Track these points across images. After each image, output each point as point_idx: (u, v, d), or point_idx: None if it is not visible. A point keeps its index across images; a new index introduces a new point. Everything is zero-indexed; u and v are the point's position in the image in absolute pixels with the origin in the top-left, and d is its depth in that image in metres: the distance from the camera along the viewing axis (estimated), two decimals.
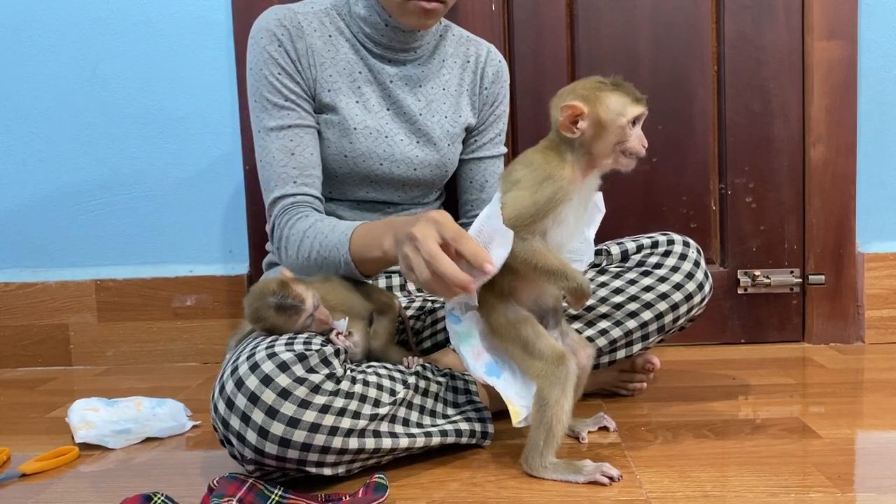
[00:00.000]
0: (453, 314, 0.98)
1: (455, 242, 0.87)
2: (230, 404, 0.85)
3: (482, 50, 1.32)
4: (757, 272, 1.61)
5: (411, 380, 0.98)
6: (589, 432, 1.07)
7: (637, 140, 0.91)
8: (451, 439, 0.99)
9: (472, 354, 0.97)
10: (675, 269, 1.12)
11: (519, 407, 0.95)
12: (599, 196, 0.97)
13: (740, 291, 1.62)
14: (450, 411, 1.02)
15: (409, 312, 1.23)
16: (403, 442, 0.93)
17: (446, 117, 1.27)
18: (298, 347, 0.89)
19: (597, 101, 0.89)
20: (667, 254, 1.13)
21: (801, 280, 1.62)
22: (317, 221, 1.11)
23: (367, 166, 1.20)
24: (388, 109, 1.23)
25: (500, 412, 1.10)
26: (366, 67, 1.22)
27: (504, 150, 1.36)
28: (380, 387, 0.93)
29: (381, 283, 1.29)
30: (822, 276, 1.61)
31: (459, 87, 1.29)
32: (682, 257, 1.13)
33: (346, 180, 1.22)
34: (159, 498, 0.87)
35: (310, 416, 0.85)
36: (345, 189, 1.23)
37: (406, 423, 0.96)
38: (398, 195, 1.26)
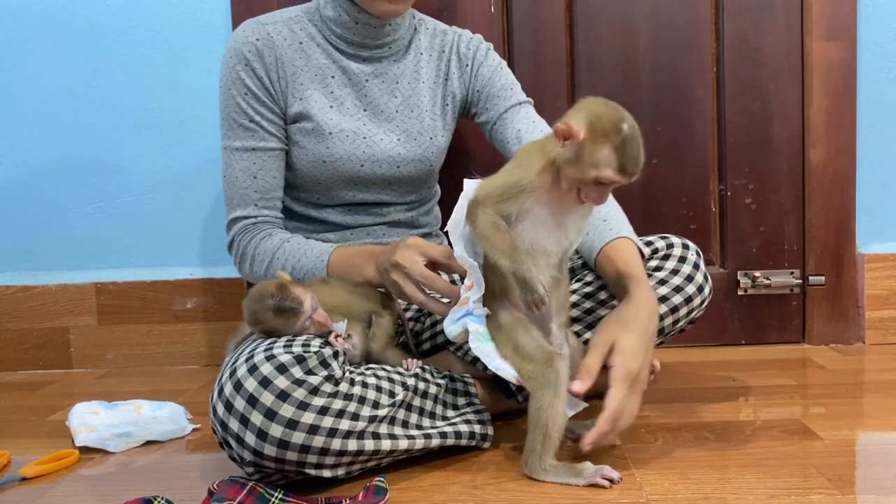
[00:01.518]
0: (474, 314, 0.95)
1: (448, 261, 1.00)
2: (229, 406, 0.85)
3: (454, 37, 1.32)
4: (757, 273, 1.61)
5: (410, 382, 0.98)
6: None
7: (594, 194, 0.89)
8: (450, 441, 0.99)
9: (500, 355, 0.95)
10: (674, 272, 1.11)
11: None
12: None
13: (740, 293, 1.62)
14: (449, 413, 1.02)
15: (409, 314, 1.23)
16: (403, 444, 0.93)
17: (426, 111, 1.27)
18: (297, 349, 0.89)
19: (594, 140, 0.86)
20: (666, 257, 1.13)
21: (801, 281, 1.62)
22: (284, 242, 1.16)
23: (348, 169, 1.21)
24: (364, 110, 1.23)
25: (500, 414, 1.11)
26: (339, 70, 1.22)
27: (525, 97, 1.31)
28: (379, 388, 0.93)
29: None
30: (823, 277, 1.61)
31: (437, 77, 1.29)
32: (682, 260, 1.13)
33: (330, 185, 1.22)
34: (159, 501, 0.87)
35: (308, 417, 0.85)
36: (332, 194, 1.23)
37: (405, 424, 0.96)
38: (387, 194, 1.26)
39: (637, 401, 0.94)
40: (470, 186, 0.94)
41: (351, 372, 0.93)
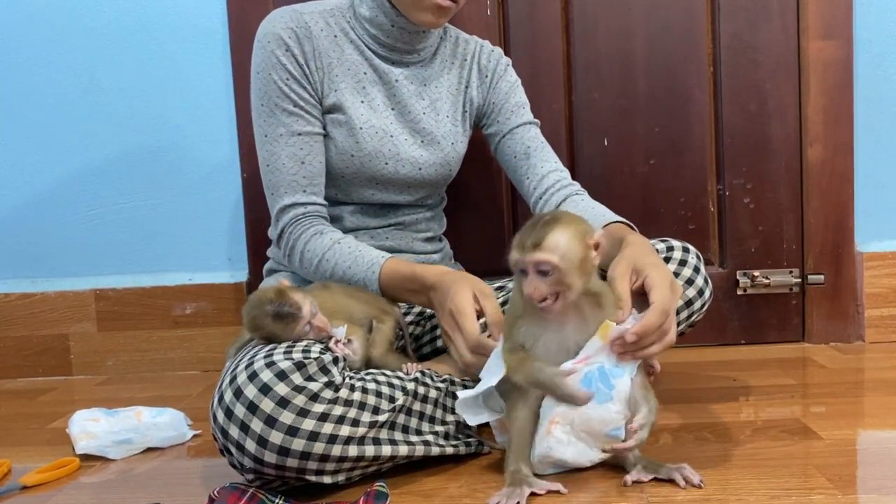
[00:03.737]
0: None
1: (495, 326, 0.98)
2: (229, 413, 0.85)
3: (476, 46, 1.34)
4: (756, 273, 1.61)
5: (410, 386, 0.98)
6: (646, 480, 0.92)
7: (521, 284, 0.88)
8: (450, 450, 0.99)
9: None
10: (674, 276, 1.11)
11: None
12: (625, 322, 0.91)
13: (740, 292, 1.62)
14: (449, 417, 1.02)
15: (409, 318, 1.23)
16: (403, 449, 0.93)
17: (448, 117, 1.28)
18: (297, 356, 0.89)
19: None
20: (666, 260, 1.12)
21: (800, 280, 1.62)
22: (334, 244, 1.14)
23: (373, 166, 1.21)
24: (392, 109, 1.23)
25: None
26: (371, 68, 1.22)
27: (534, 119, 1.33)
28: (379, 394, 0.93)
29: None
30: (822, 276, 1.61)
31: (459, 85, 1.30)
32: (682, 263, 1.12)
33: (352, 181, 1.22)
34: None
35: (308, 424, 0.85)
36: (350, 190, 1.23)
37: (405, 430, 0.96)
38: (403, 196, 1.26)
39: (676, 305, 0.92)
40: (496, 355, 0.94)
41: (351, 378, 0.93)
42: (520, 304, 0.91)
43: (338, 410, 0.87)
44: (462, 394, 0.95)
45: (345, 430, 0.87)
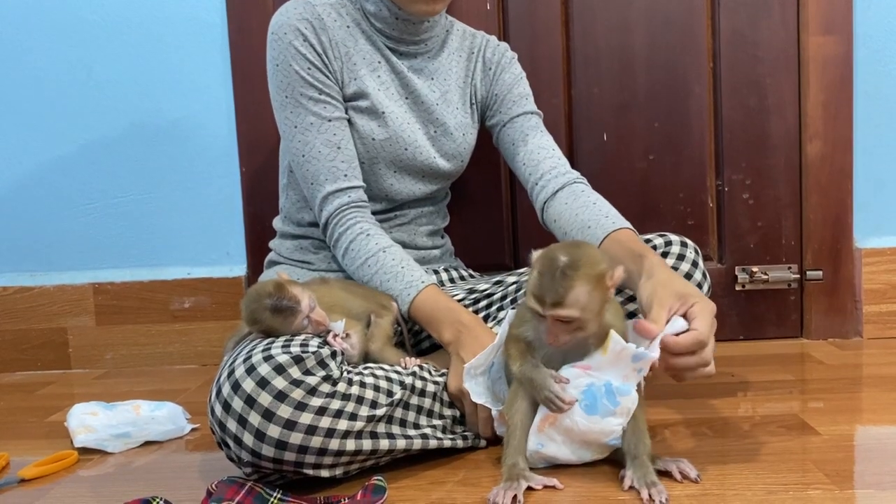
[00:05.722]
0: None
1: None
2: (227, 407, 0.85)
3: (483, 40, 1.34)
4: (755, 268, 1.61)
5: (408, 380, 0.98)
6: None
7: (542, 328, 0.88)
8: (447, 444, 1.00)
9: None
10: (672, 270, 1.11)
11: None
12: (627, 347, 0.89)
13: (738, 288, 1.62)
14: (447, 411, 1.02)
15: None
16: (401, 443, 0.94)
17: (458, 108, 1.29)
18: (295, 350, 0.89)
19: (532, 268, 0.88)
20: (664, 255, 1.13)
21: (798, 276, 1.62)
22: (380, 251, 1.13)
23: (394, 150, 1.21)
24: (406, 99, 1.24)
25: None
26: (383, 59, 1.23)
27: (537, 109, 1.32)
28: (377, 388, 0.93)
29: None
30: (820, 272, 1.61)
31: (466, 77, 1.31)
32: (680, 258, 1.12)
33: (371, 167, 1.21)
34: (158, 502, 0.87)
35: (306, 418, 0.85)
36: (367, 178, 1.22)
37: (403, 423, 0.96)
38: (419, 186, 1.26)
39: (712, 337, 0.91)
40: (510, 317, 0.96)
41: (349, 372, 0.93)
42: (528, 313, 0.91)
43: (335, 404, 0.87)
44: (469, 365, 0.97)
45: (342, 424, 0.87)
